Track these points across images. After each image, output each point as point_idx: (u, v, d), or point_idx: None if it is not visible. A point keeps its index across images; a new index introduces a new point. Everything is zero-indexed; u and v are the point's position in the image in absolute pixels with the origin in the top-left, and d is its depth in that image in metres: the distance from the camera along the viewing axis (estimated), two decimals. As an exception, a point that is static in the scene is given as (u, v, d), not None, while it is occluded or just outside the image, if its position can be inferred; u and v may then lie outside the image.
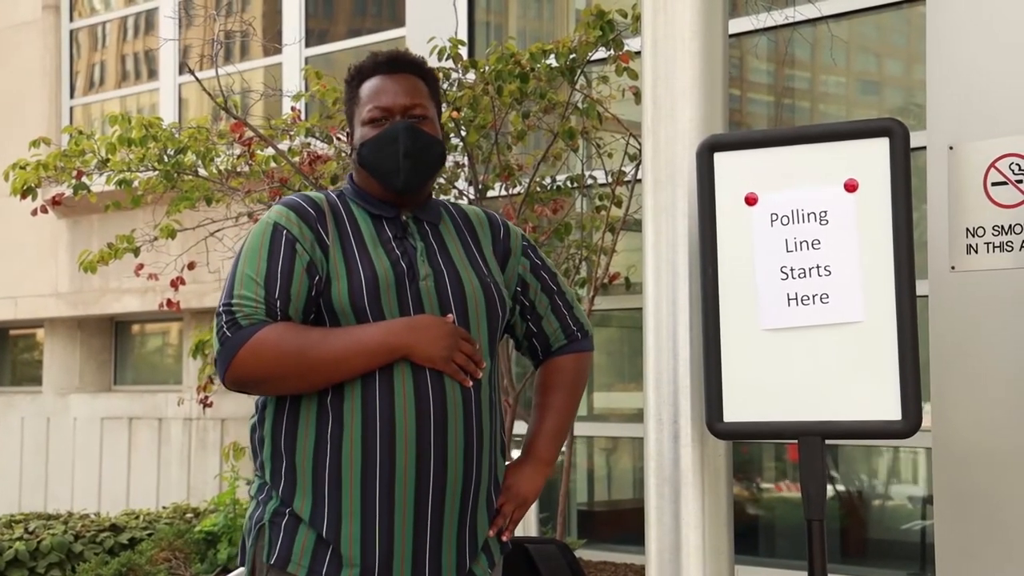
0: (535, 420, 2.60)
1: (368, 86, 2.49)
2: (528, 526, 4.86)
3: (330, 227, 2.40)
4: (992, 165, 3.38)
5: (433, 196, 2.60)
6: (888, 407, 2.32)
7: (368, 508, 2.30)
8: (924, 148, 3.55)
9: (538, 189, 5.68)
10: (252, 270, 2.34)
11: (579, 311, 2.65)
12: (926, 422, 2.84)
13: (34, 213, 6.32)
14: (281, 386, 2.33)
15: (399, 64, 2.51)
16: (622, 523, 7.17)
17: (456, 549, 2.37)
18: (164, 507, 8.50)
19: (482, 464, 2.39)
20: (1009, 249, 3.36)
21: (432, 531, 2.33)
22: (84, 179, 5.82)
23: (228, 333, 2.31)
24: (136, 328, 11.78)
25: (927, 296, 3.52)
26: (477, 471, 2.38)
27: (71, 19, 11.89)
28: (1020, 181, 3.34)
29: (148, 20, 11.38)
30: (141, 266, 6.00)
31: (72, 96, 11.77)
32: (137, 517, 7.84)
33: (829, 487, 6.06)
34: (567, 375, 2.60)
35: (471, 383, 2.37)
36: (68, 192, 6.00)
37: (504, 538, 2.49)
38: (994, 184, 3.38)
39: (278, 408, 2.39)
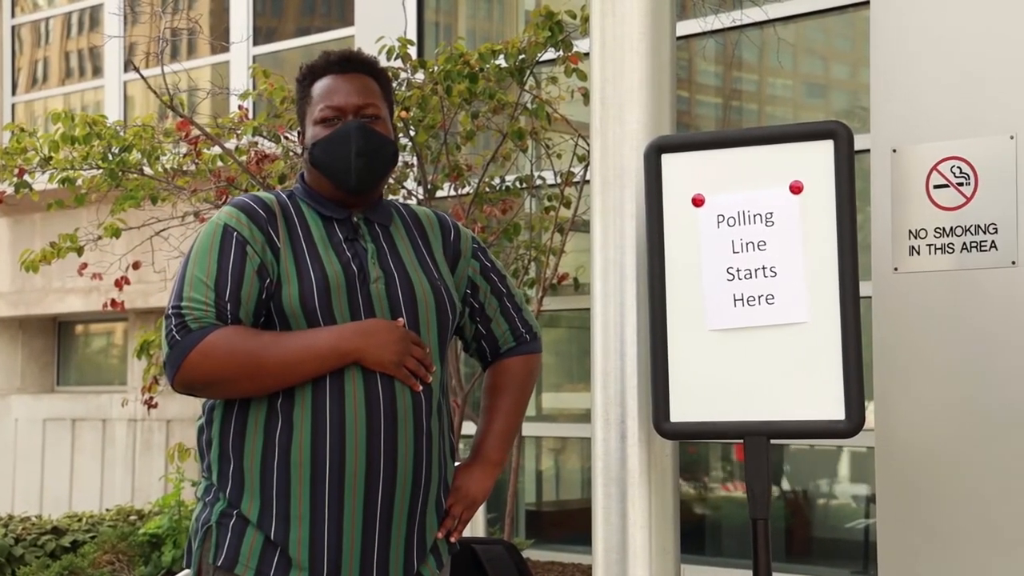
0: (484, 422, 2.60)
1: (320, 85, 2.48)
2: (476, 527, 4.86)
3: (281, 229, 2.38)
4: (934, 168, 3.42)
5: (383, 197, 2.59)
6: (832, 407, 2.34)
7: (317, 511, 2.30)
8: (868, 151, 3.58)
9: (487, 189, 5.68)
10: (202, 272, 2.32)
11: (528, 313, 2.65)
12: (869, 421, 2.87)
13: (-25, 211, 6.24)
14: (231, 389, 2.32)
15: (352, 63, 2.50)
16: (570, 523, 7.18)
17: (404, 551, 2.37)
18: (108, 509, 8.40)
19: (431, 467, 2.39)
20: (951, 251, 3.40)
21: (381, 534, 2.33)
22: (26, 177, 5.75)
23: (177, 336, 2.29)
24: (80, 328, 11.65)
25: (871, 297, 3.56)
26: (427, 474, 2.38)
27: (12, 15, 11.73)
28: (961, 184, 3.38)
29: (93, 17, 11.26)
30: (85, 265, 5.93)
31: (14, 93, 11.62)
32: (80, 520, 7.74)
33: (774, 486, 6.11)
34: (516, 377, 2.61)
35: (421, 388, 2.36)
36: (9, 190, 5.92)
37: (452, 539, 2.49)
38: (936, 187, 3.42)
39: (226, 410, 2.37)
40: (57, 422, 11.01)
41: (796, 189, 2.38)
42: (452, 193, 5.68)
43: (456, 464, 2.55)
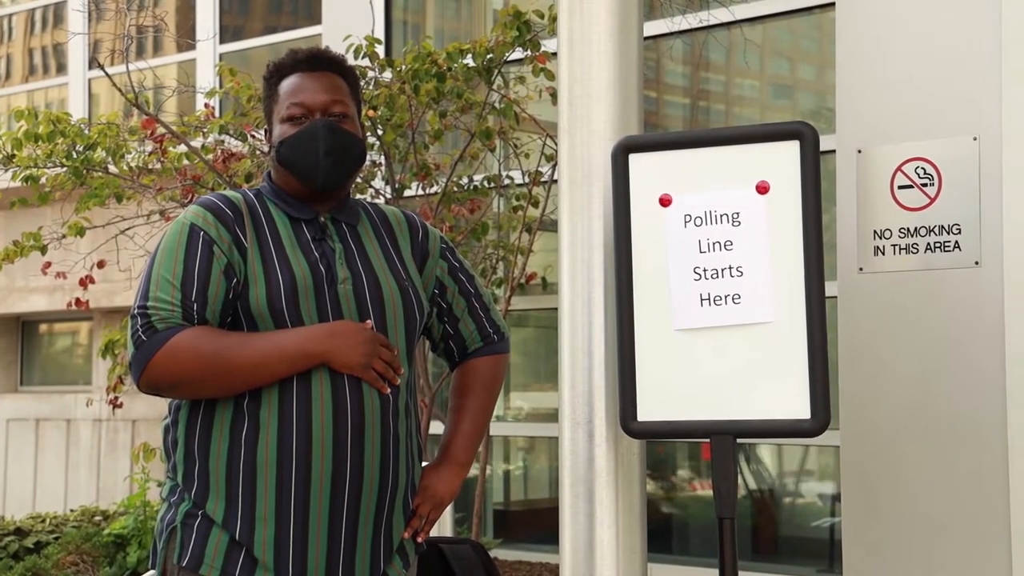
0: (451, 422, 2.59)
1: (287, 83, 2.47)
2: (443, 526, 4.86)
3: (248, 229, 2.37)
4: (899, 169, 3.45)
5: (350, 196, 2.58)
6: (798, 406, 2.35)
7: (282, 512, 2.29)
8: (834, 151, 3.61)
9: (455, 189, 5.67)
10: (168, 272, 2.30)
11: (496, 313, 2.65)
12: (834, 421, 2.89)
13: (-63, 209, 6.18)
14: (198, 390, 2.30)
15: (319, 62, 2.49)
16: (537, 522, 7.19)
17: (371, 552, 2.36)
18: (72, 510, 8.34)
19: (399, 469, 2.39)
20: (915, 251, 3.43)
21: (347, 535, 2.32)
22: (-11, 175, 5.69)
23: (143, 337, 2.27)
24: (44, 328, 11.55)
25: (836, 297, 3.58)
26: (394, 476, 2.37)
27: (-24, 11, 11.62)
28: (925, 184, 3.42)
29: (56, 13, 11.16)
30: (49, 264, 5.88)
31: (-23, 90, 11.52)
32: (43, 520, 7.68)
33: (741, 485, 6.13)
34: (483, 377, 2.61)
35: (389, 390, 2.36)
36: (-27, 188, 5.87)
37: (419, 539, 2.49)
38: (900, 187, 3.45)
39: (192, 410, 2.36)
40: (21, 422, 10.92)
41: (763, 189, 2.39)
42: (420, 192, 5.67)
43: (423, 464, 2.55)
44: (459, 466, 2.55)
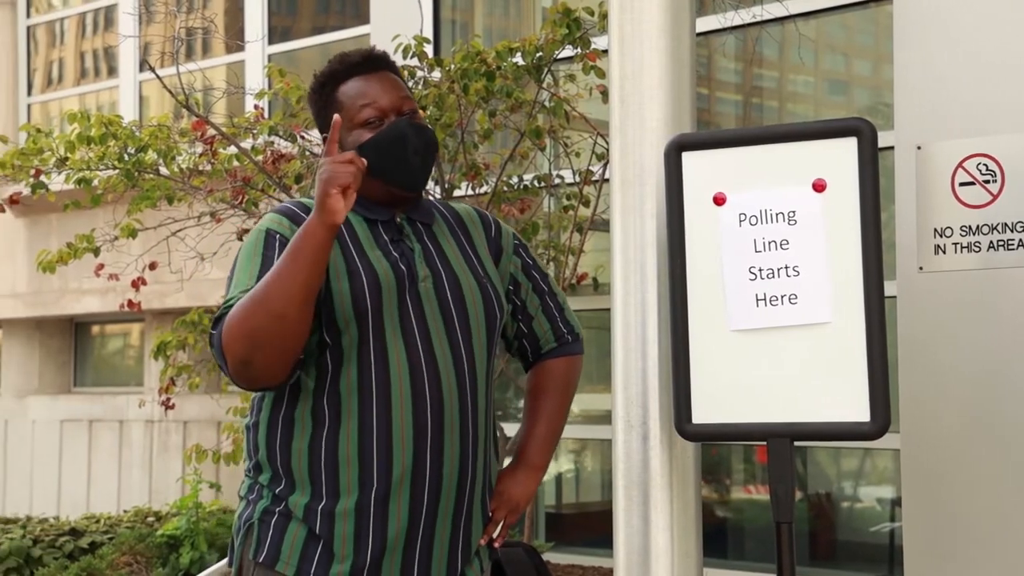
0: (526, 425, 2.59)
1: (349, 89, 2.45)
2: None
3: None
4: (960, 165, 3.38)
5: (423, 195, 2.57)
6: (857, 408, 2.30)
7: (363, 508, 2.30)
8: (892, 148, 3.54)
9: (505, 188, 5.65)
10: (245, 274, 2.31)
11: (570, 313, 2.64)
12: (894, 423, 2.82)
13: (-9, 212, 6.24)
14: (268, 343, 2.20)
15: (376, 62, 2.48)
16: (590, 526, 7.15)
17: (448, 550, 2.37)
18: (125, 511, 8.41)
19: (477, 465, 2.39)
20: (976, 250, 3.36)
21: (424, 532, 2.33)
22: (42, 178, 5.73)
23: (213, 331, 2.28)
24: (96, 329, 11.67)
25: (895, 297, 3.52)
26: (472, 472, 2.38)
27: (28, 15, 11.76)
28: (988, 181, 3.34)
29: (107, 16, 11.27)
30: (101, 266, 5.92)
31: (30, 94, 11.65)
32: (98, 521, 7.75)
33: (798, 489, 6.06)
34: (558, 379, 2.60)
35: (468, 386, 2.33)
36: (26, 191, 5.92)
37: (496, 545, 2.49)
38: (962, 184, 3.38)
39: (274, 408, 2.37)
40: (74, 423, 11.03)
41: (819, 187, 2.34)
42: (469, 192, 5.65)
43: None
44: (534, 469, 2.55)
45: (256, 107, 5.92)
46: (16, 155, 5.67)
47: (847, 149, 2.33)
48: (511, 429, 5.12)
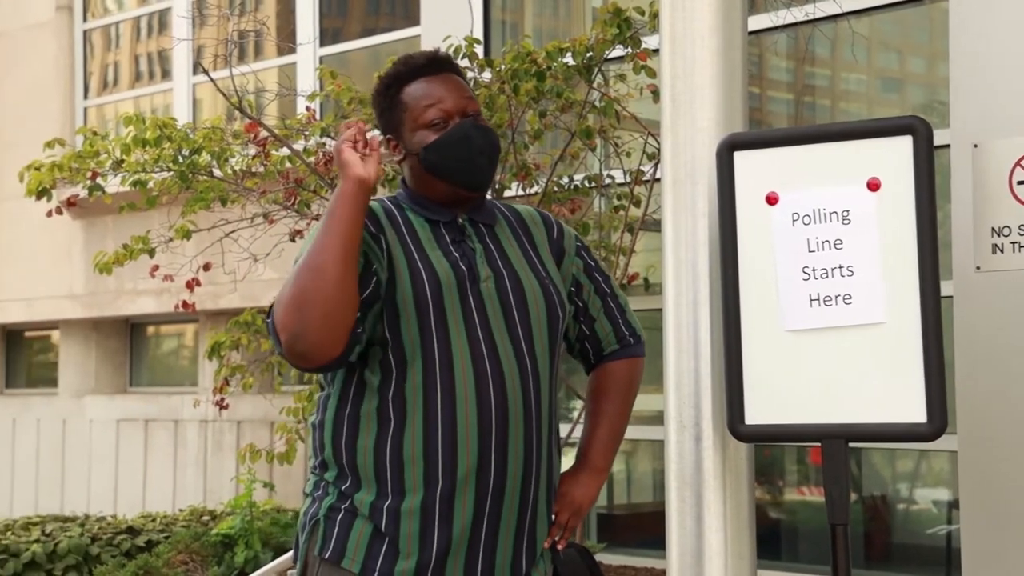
0: (588, 427, 2.60)
1: (414, 91, 2.47)
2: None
3: (388, 232, 2.39)
4: (1018, 163, 3.33)
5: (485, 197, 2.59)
6: (913, 409, 2.28)
7: (428, 507, 2.31)
8: (948, 146, 3.50)
9: (555, 189, 5.64)
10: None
11: (631, 315, 2.64)
12: (951, 425, 2.79)
13: (49, 214, 6.32)
14: (311, 304, 2.22)
15: (441, 64, 2.51)
16: (642, 527, 7.13)
17: (513, 550, 2.38)
18: (180, 510, 8.50)
19: (541, 465, 2.40)
20: (1035, 248, 3.32)
21: (488, 530, 2.34)
22: (99, 180, 5.80)
23: (267, 319, 2.31)
24: (151, 330, 11.79)
25: (951, 296, 3.48)
26: (536, 472, 2.39)
27: (85, 19, 11.90)
28: (1046, 179, 3.30)
29: (162, 20, 11.39)
30: (156, 267, 5.98)
31: (86, 97, 11.79)
32: (154, 520, 7.84)
33: (852, 490, 6.00)
34: (619, 381, 2.61)
35: (532, 387, 2.36)
36: (83, 193, 5.99)
37: (559, 547, 2.50)
38: (1020, 183, 3.33)
39: (339, 407, 2.39)
40: (130, 423, 11.15)
41: (874, 186, 2.32)
42: (520, 193, 5.65)
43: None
44: (597, 472, 2.56)
45: (308, 109, 5.95)
46: (73, 158, 5.74)
47: (902, 148, 2.31)
48: (562, 430, 5.12)
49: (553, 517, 2.49)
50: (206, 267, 6.16)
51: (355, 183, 2.24)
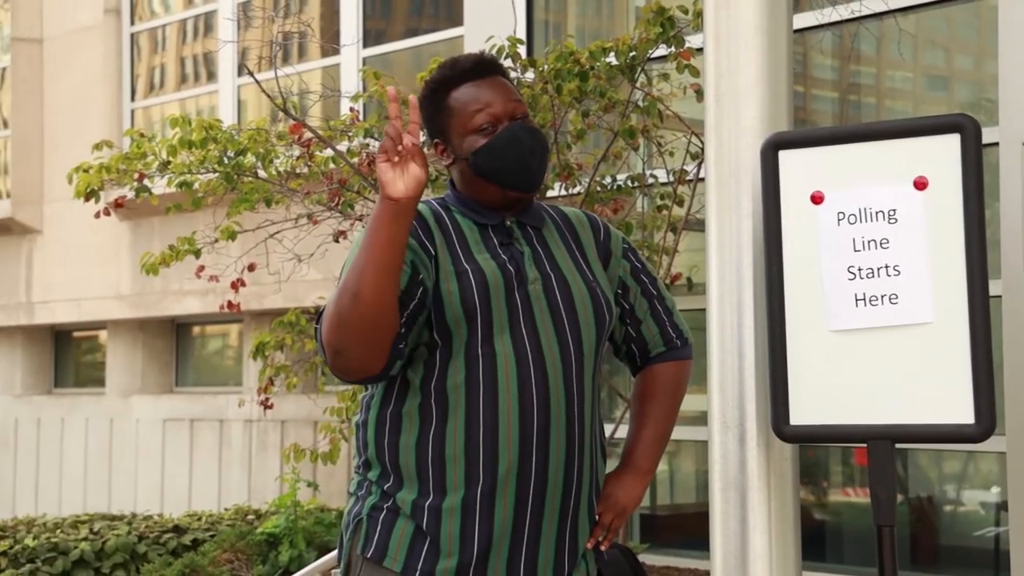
0: (634, 429, 2.59)
1: (462, 94, 2.46)
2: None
3: (435, 234, 2.39)
4: (1067, 161, 3.29)
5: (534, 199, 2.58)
6: (961, 410, 2.25)
7: (469, 505, 2.32)
8: (996, 144, 3.46)
9: (598, 189, 5.63)
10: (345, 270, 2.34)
11: (679, 317, 2.63)
12: (999, 426, 2.76)
13: (97, 216, 6.38)
14: (349, 325, 2.23)
15: (487, 67, 2.49)
16: (685, 527, 7.10)
17: (555, 551, 2.38)
18: (226, 509, 8.55)
19: (583, 466, 2.40)
20: (1085, 247, 3.27)
21: (530, 532, 2.35)
22: (145, 181, 5.85)
23: (317, 325, 2.34)
24: (197, 330, 11.88)
25: (1000, 296, 3.44)
26: (578, 472, 2.39)
27: (132, 23, 12.01)
28: (1096, 177, 3.25)
29: (207, 22, 11.47)
30: (202, 268, 6.02)
31: (133, 99, 11.90)
32: (199, 518, 7.89)
33: (898, 492, 5.95)
34: (665, 383, 2.60)
35: (575, 384, 2.36)
36: (130, 195, 6.04)
37: (603, 548, 2.50)
38: (1069, 180, 3.29)
39: (382, 406, 2.40)
40: (176, 422, 11.25)
41: (921, 185, 2.30)
42: (563, 193, 5.64)
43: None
44: (641, 473, 2.55)
45: (352, 110, 5.98)
46: (120, 160, 5.78)
47: (950, 146, 2.28)
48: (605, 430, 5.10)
49: (596, 518, 2.49)
50: (251, 268, 6.20)
51: (390, 204, 2.20)
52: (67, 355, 13.07)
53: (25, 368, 12.81)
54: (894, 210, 2.31)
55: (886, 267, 2.31)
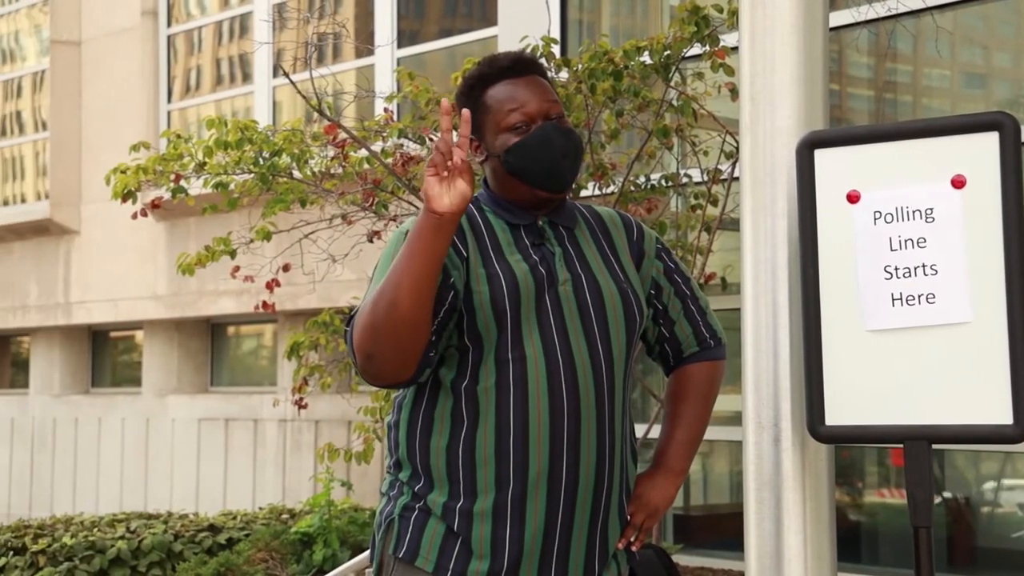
0: (666, 429, 2.58)
1: (498, 92, 2.46)
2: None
3: (467, 235, 2.39)
4: (1107, 159, 3.26)
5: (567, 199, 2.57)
6: (999, 411, 2.23)
7: (500, 508, 2.32)
8: (1034, 142, 3.43)
9: (632, 188, 5.63)
10: (381, 275, 2.34)
11: (712, 318, 2.62)
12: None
13: (134, 216, 6.43)
14: (384, 334, 2.24)
15: (524, 66, 2.49)
16: (719, 528, 7.08)
17: (585, 552, 2.38)
18: (260, 508, 8.59)
19: (614, 468, 2.39)
20: (1125, 246, 3.24)
21: (561, 534, 2.34)
22: (182, 182, 5.88)
23: (347, 328, 2.34)
24: (232, 330, 11.94)
25: (1038, 296, 3.40)
26: (609, 475, 2.38)
27: (168, 25, 12.09)
28: None
29: (243, 24, 11.53)
30: (237, 268, 6.05)
31: (170, 100, 11.98)
32: (234, 518, 7.94)
33: (935, 492, 5.91)
34: (698, 384, 2.59)
35: (606, 385, 2.36)
36: (167, 195, 6.08)
37: (634, 548, 2.49)
38: (1109, 179, 3.25)
39: (414, 407, 2.41)
40: (211, 422, 11.31)
41: (958, 184, 2.28)
42: (597, 192, 5.64)
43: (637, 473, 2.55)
44: (674, 474, 2.54)
45: (386, 110, 6.00)
46: (157, 161, 5.83)
47: (988, 144, 2.26)
48: (638, 430, 5.10)
49: (628, 518, 2.49)
50: (285, 268, 6.23)
51: (433, 218, 2.20)
52: (104, 355, 13.17)
53: (63, 368, 12.92)
54: (931, 209, 2.29)
55: (923, 266, 2.29)
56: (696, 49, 5.26)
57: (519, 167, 2.41)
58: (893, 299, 2.30)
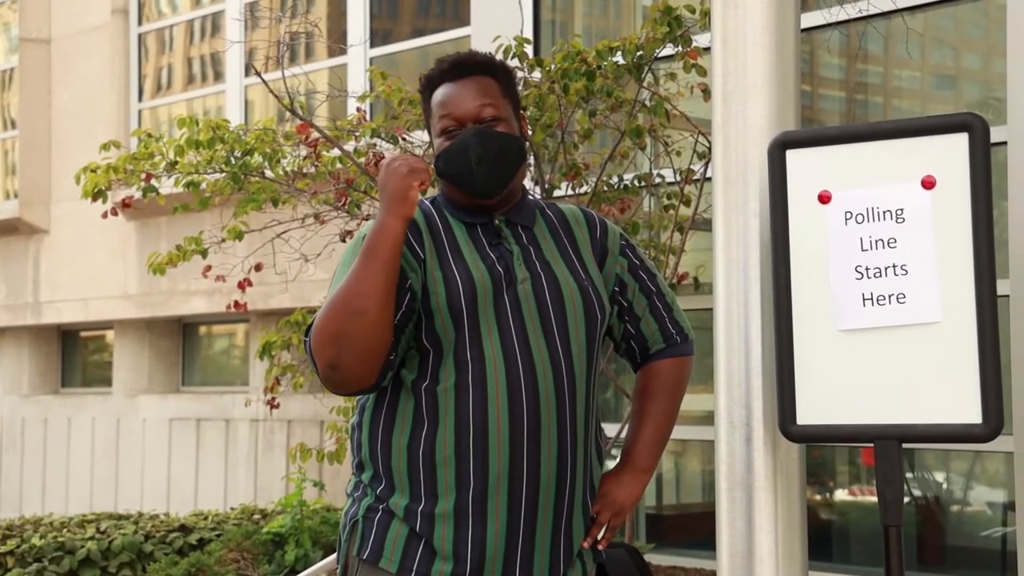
0: (633, 427, 2.58)
1: (438, 95, 2.46)
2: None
3: (425, 237, 2.39)
4: (1075, 160, 3.28)
5: (526, 195, 2.56)
6: (968, 410, 2.25)
7: (461, 509, 2.31)
8: (1005, 143, 3.45)
9: (605, 188, 5.63)
10: (339, 281, 2.33)
11: (679, 313, 2.61)
12: (1006, 426, 2.76)
13: (104, 216, 6.39)
14: (351, 342, 2.25)
15: (464, 67, 2.47)
16: (691, 527, 7.10)
17: (550, 553, 2.37)
18: (232, 508, 8.56)
19: (576, 467, 2.38)
20: (1093, 247, 3.26)
21: (525, 534, 2.34)
22: (153, 182, 5.85)
23: (305, 338, 2.33)
24: (203, 330, 11.89)
25: (1007, 295, 3.43)
26: (571, 474, 2.37)
27: (139, 23, 12.02)
28: (1104, 176, 3.24)
29: (214, 23, 11.48)
30: (209, 268, 6.02)
31: (140, 99, 11.91)
32: (206, 518, 7.90)
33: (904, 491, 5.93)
34: (666, 380, 2.58)
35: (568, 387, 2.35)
36: (137, 195, 6.05)
37: (600, 547, 2.48)
38: (1077, 180, 3.28)
39: (376, 409, 2.40)
40: (182, 422, 11.26)
41: (928, 184, 2.29)
42: (569, 192, 5.64)
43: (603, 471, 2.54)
44: (640, 472, 2.53)
45: (358, 110, 5.98)
46: (128, 160, 5.79)
47: (958, 145, 2.28)
48: (610, 429, 5.10)
49: (594, 516, 2.48)
50: (257, 267, 6.21)
51: (406, 222, 2.25)
52: (74, 355, 13.08)
53: (32, 368, 12.83)
54: (902, 209, 2.30)
55: (894, 267, 2.30)
56: (668, 49, 5.27)
57: (447, 173, 2.41)
58: (864, 299, 2.31)
